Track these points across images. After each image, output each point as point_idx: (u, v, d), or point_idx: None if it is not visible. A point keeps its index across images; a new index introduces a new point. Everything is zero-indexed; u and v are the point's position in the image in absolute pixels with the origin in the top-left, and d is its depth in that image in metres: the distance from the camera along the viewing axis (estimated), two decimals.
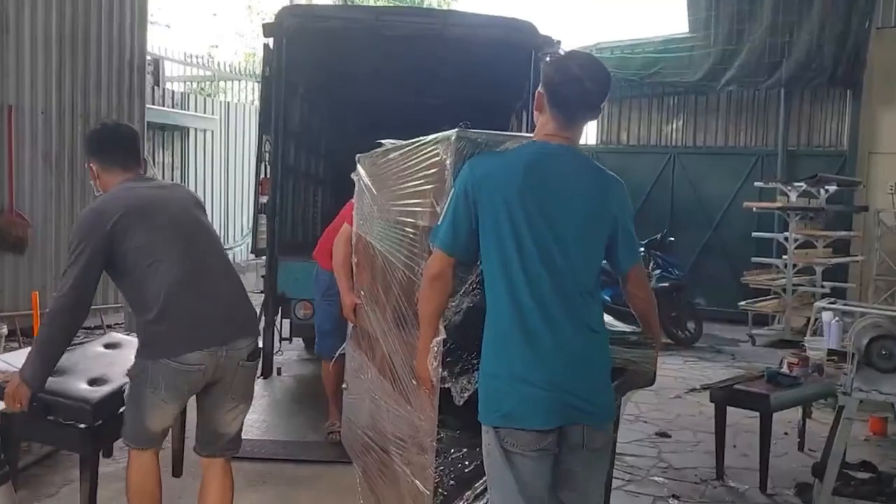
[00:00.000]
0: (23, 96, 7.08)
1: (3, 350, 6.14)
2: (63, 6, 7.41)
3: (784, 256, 9.51)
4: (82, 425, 3.22)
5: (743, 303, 9.82)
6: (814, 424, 5.40)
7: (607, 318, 2.68)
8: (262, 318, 6.13)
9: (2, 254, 7.00)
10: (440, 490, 2.82)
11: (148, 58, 11.83)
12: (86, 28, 7.63)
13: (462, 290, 2.65)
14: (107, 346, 3.88)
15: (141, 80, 8.27)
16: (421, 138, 3.05)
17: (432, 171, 2.86)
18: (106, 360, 3.66)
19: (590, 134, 12.58)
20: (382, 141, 3.77)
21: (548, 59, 2.63)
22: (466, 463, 2.90)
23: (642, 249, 9.81)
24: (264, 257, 6.54)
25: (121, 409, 3.19)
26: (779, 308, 9.58)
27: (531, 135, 2.56)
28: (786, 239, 9.44)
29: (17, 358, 3.62)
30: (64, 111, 7.50)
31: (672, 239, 10.00)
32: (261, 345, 3.90)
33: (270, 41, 6.49)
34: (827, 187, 9.54)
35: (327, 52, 6.89)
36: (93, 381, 3.41)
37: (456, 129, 2.67)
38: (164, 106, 10.84)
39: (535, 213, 2.34)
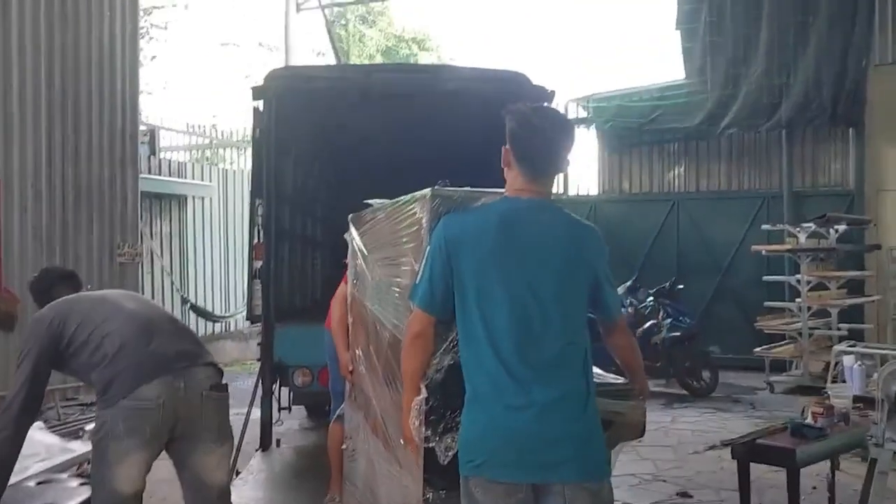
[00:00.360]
0: (11, 169, 6.97)
1: None
2: (52, 76, 7.36)
3: (797, 300, 9.25)
4: None
5: (758, 349, 9.56)
6: (843, 476, 5.07)
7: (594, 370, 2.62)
8: (259, 386, 5.92)
9: None
10: None
11: (144, 127, 11.89)
12: (76, 98, 7.57)
13: (443, 348, 2.64)
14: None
15: (134, 148, 8.19)
16: (402, 197, 3.06)
17: (411, 229, 2.90)
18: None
19: (591, 184, 12.47)
20: (370, 201, 3.72)
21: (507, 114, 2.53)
22: None
23: (651, 299, 9.59)
24: (260, 324, 6.31)
25: None
26: (796, 353, 9.30)
27: (503, 190, 2.54)
28: (798, 281, 9.19)
29: None
30: (54, 184, 7.40)
31: (681, 287, 9.77)
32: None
33: (260, 104, 6.40)
34: (836, 227, 9.34)
35: (318, 113, 6.80)
36: None
37: (430, 188, 2.70)
38: (160, 175, 10.75)
39: (510, 270, 2.36)
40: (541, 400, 2.28)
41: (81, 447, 4.98)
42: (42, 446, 4.78)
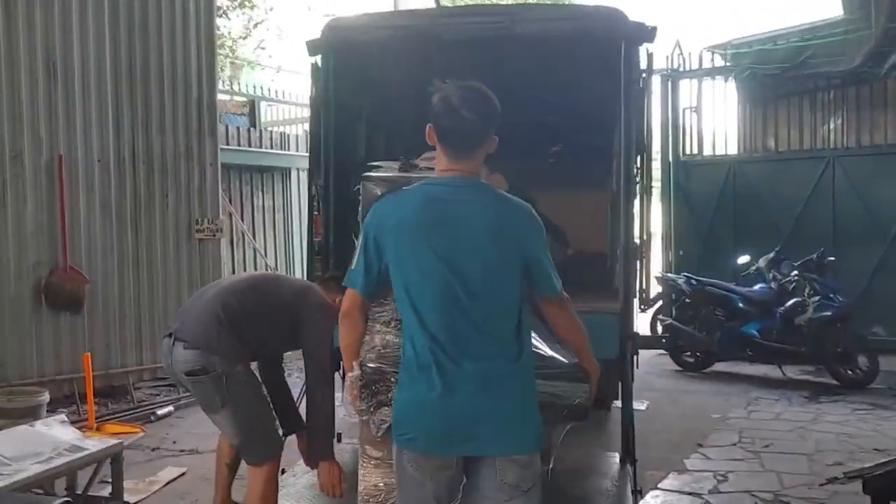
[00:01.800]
0: (74, 144, 6.67)
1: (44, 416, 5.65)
2: (117, 47, 6.98)
3: None
4: None
5: None
6: None
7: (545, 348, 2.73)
8: None
9: (56, 313, 6.55)
10: None
11: (243, 98, 11.61)
12: (144, 68, 7.16)
13: (375, 329, 2.78)
14: None
15: (212, 119, 7.73)
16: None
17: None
18: None
19: (730, 142, 11.02)
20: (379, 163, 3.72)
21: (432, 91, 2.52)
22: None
23: (795, 273, 8.23)
24: None
25: None
26: None
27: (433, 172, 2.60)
28: None
29: None
30: (123, 158, 7.04)
31: (832, 259, 8.34)
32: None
33: (318, 59, 5.74)
34: None
35: (382, 67, 6.02)
36: None
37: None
38: (261, 147, 10.40)
39: (433, 250, 2.40)
40: (468, 377, 2.36)
41: (95, 446, 4.56)
42: (51, 443, 4.37)
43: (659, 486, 5.06)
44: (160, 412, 6.77)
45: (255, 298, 3.83)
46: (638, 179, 5.51)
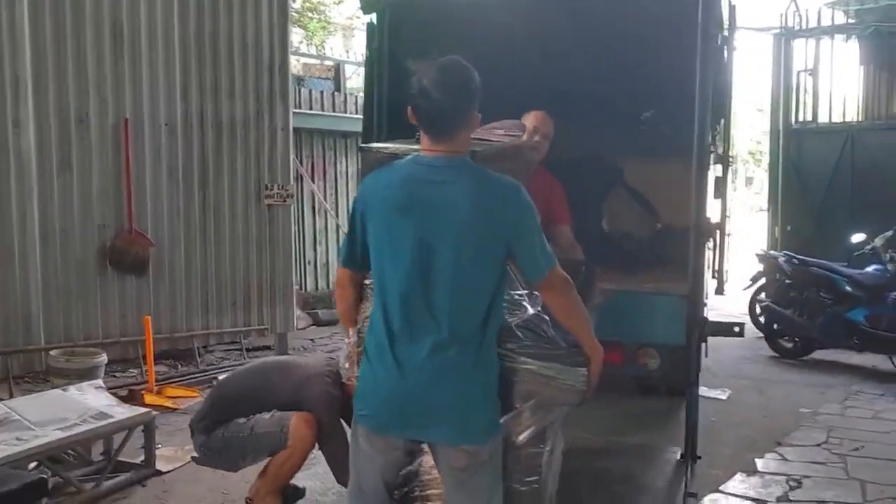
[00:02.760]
0: (140, 108, 6.67)
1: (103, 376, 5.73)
2: (185, 10, 6.90)
3: None
4: None
5: None
6: None
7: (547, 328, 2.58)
8: None
9: (121, 276, 6.63)
10: None
11: (329, 63, 11.49)
12: (213, 32, 7.07)
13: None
14: None
15: (284, 82, 7.59)
16: None
17: None
18: None
19: (849, 108, 10.03)
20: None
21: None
22: None
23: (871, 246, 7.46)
24: None
25: None
26: None
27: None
28: None
29: None
30: (191, 122, 7.00)
31: None
32: None
33: (373, 17, 5.48)
34: None
35: (442, 25, 5.68)
36: None
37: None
38: (346, 112, 10.26)
39: (407, 231, 2.36)
40: (422, 365, 2.33)
41: (123, 414, 4.52)
42: (79, 409, 4.34)
43: (721, 488, 4.57)
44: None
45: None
46: (714, 149, 4.97)
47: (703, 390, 6.56)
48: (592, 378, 2.60)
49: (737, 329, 5.29)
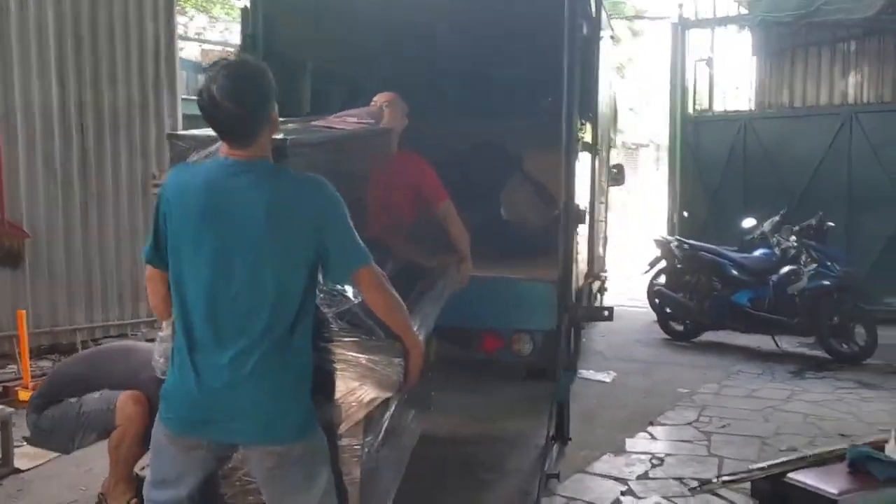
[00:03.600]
0: (12, 99, 6.41)
1: None
2: None
3: None
4: None
5: None
6: None
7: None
8: None
9: None
10: None
11: (231, 48, 11.26)
12: (92, 19, 6.84)
13: None
14: None
15: (171, 69, 7.42)
16: None
17: None
18: None
19: (742, 98, 10.31)
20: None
21: None
22: None
23: (794, 238, 7.67)
24: None
25: None
26: None
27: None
28: None
29: None
30: (69, 110, 6.78)
31: (831, 224, 7.75)
32: None
33: (247, 1, 5.40)
34: None
35: (322, 12, 5.65)
36: None
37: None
38: None
39: (203, 234, 2.30)
40: (223, 370, 2.29)
41: None
42: None
43: (587, 469, 4.66)
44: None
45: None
46: (581, 138, 5.04)
47: (589, 373, 6.75)
48: (411, 371, 2.59)
49: (606, 313, 5.41)
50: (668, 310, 8.39)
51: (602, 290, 9.23)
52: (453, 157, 7.11)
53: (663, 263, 8.61)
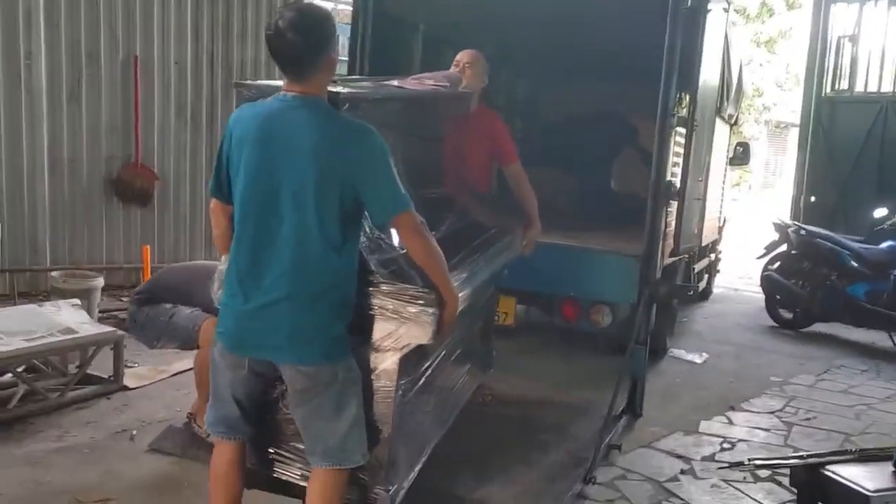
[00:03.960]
0: (150, 46, 6.94)
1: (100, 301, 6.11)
2: None
3: None
4: None
5: None
6: None
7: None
8: None
9: (126, 206, 6.99)
10: None
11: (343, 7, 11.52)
12: None
13: None
14: None
15: None
16: None
17: None
18: None
19: (885, 79, 9.64)
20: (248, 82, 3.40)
21: None
22: None
23: (891, 222, 7.27)
24: None
25: None
26: None
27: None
28: None
29: None
30: (201, 62, 7.27)
31: None
32: None
33: None
34: None
35: None
36: None
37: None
38: None
39: (259, 167, 2.49)
40: (265, 291, 2.51)
41: (89, 331, 4.86)
42: (48, 324, 4.68)
43: (653, 444, 4.67)
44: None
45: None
46: (677, 113, 4.96)
47: (680, 352, 6.66)
48: (445, 322, 2.69)
49: (690, 293, 5.31)
50: (778, 296, 8.08)
51: (713, 269, 9.01)
52: (567, 124, 7.15)
53: (783, 248, 8.29)
